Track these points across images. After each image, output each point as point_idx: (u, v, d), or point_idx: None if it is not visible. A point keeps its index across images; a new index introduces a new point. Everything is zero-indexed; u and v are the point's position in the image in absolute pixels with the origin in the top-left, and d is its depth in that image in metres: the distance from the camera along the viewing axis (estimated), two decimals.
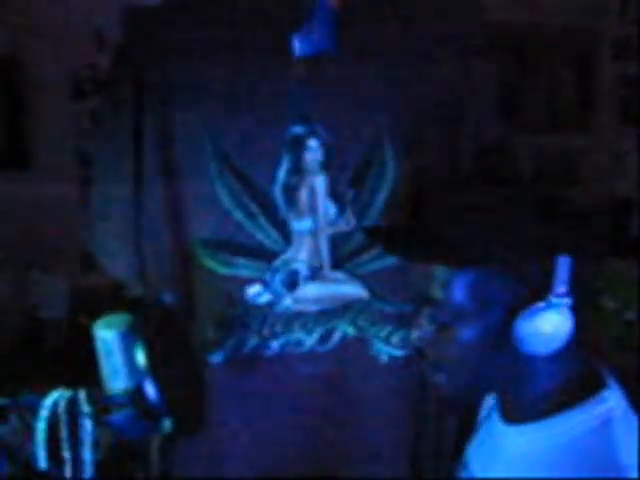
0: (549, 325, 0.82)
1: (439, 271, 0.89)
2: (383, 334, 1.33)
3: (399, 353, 1.33)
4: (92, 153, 1.42)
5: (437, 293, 0.89)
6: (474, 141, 1.30)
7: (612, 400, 0.87)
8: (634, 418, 0.89)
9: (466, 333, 0.87)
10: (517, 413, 0.92)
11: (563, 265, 0.81)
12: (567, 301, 0.82)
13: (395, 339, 1.32)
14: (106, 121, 1.34)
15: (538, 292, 0.83)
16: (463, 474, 1.03)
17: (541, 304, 0.82)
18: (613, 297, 1.76)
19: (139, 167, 1.28)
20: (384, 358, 1.34)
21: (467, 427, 1.08)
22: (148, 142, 1.27)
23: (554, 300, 0.82)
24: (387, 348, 1.33)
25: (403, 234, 0.98)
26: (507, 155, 1.35)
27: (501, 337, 0.85)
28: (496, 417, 0.97)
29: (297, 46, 1.17)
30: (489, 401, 1.05)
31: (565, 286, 0.82)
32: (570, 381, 0.88)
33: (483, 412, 1.07)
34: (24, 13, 2.08)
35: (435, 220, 0.93)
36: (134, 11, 1.30)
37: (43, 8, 2.11)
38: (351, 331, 1.33)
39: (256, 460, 1.36)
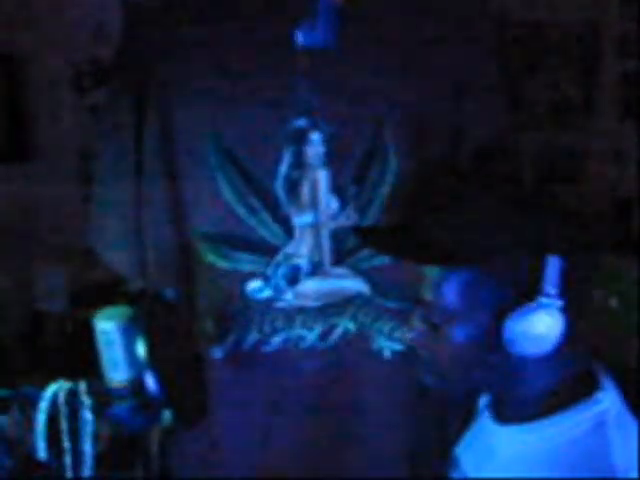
0: (539, 326, 0.82)
1: (430, 272, 0.89)
2: (385, 329, 1.32)
3: (401, 348, 1.33)
4: (94, 148, 1.42)
5: (428, 294, 0.89)
6: (475, 139, 1.30)
7: (607, 401, 0.87)
8: (630, 419, 0.88)
9: (457, 334, 0.87)
10: (510, 413, 0.92)
11: (553, 265, 0.81)
12: (557, 302, 0.82)
13: (398, 334, 1.32)
14: (107, 116, 1.34)
15: (528, 293, 0.82)
16: (454, 473, 1.03)
17: (531, 305, 0.82)
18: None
19: (140, 161, 1.28)
20: (386, 354, 1.34)
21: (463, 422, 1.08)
22: (149, 136, 1.27)
23: (544, 301, 0.82)
24: (389, 344, 1.33)
25: (395, 235, 0.98)
26: (508, 152, 1.34)
27: (492, 338, 0.85)
28: (488, 416, 0.97)
29: (300, 39, 1.17)
30: (482, 399, 1.04)
31: (555, 287, 0.81)
32: (564, 382, 0.88)
33: (478, 408, 1.06)
34: (25, 8, 2.08)
35: (429, 219, 0.93)
36: (134, 7, 1.30)
37: (43, 3, 2.12)
38: (352, 327, 1.32)
39: (255, 457, 1.36)
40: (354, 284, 1.31)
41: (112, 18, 2.01)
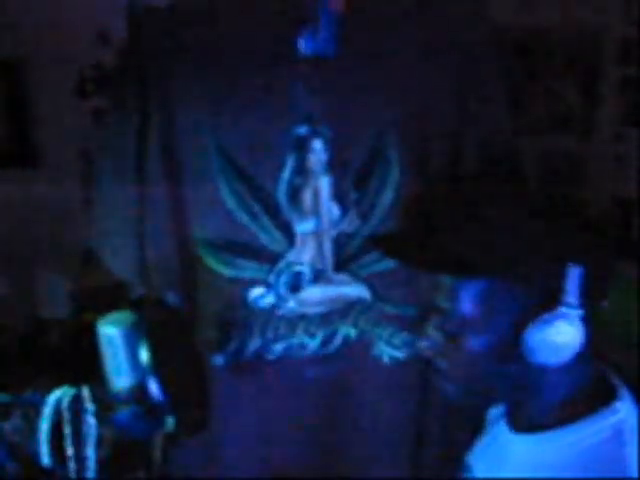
0: (559, 335, 0.81)
1: (446, 280, 0.88)
2: (385, 335, 1.33)
3: (401, 355, 1.33)
4: (96, 152, 1.42)
5: (445, 303, 0.88)
6: (478, 144, 1.30)
7: (624, 411, 0.86)
8: None
9: (474, 343, 0.86)
10: (526, 422, 0.91)
11: (573, 275, 0.80)
12: (578, 311, 0.81)
13: (397, 341, 1.32)
14: (109, 120, 1.34)
15: (548, 302, 0.82)
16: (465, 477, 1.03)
17: (551, 314, 0.81)
18: None
19: (142, 166, 1.28)
20: (386, 359, 1.34)
21: (473, 430, 1.08)
22: (151, 142, 1.27)
23: (564, 310, 0.81)
24: (389, 349, 1.33)
25: (410, 243, 0.97)
26: (512, 158, 1.34)
27: (510, 347, 0.84)
28: (504, 424, 0.96)
29: (302, 46, 1.17)
30: (496, 407, 1.04)
31: (576, 296, 0.81)
32: (581, 391, 0.88)
33: (489, 417, 1.06)
34: (27, 12, 2.09)
35: (441, 228, 0.92)
36: (138, 12, 1.30)
37: (47, 7, 2.12)
38: (353, 333, 1.32)
39: (257, 462, 1.36)
40: (355, 290, 1.31)
41: (115, 23, 2.02)
